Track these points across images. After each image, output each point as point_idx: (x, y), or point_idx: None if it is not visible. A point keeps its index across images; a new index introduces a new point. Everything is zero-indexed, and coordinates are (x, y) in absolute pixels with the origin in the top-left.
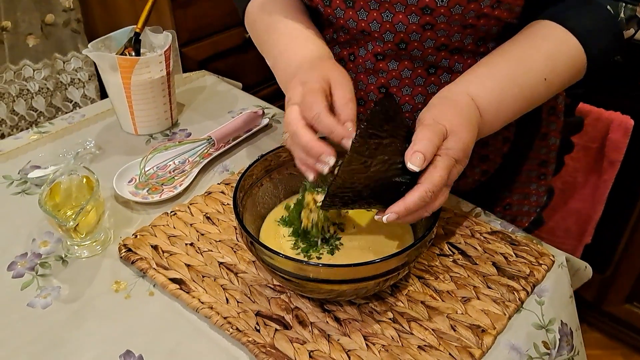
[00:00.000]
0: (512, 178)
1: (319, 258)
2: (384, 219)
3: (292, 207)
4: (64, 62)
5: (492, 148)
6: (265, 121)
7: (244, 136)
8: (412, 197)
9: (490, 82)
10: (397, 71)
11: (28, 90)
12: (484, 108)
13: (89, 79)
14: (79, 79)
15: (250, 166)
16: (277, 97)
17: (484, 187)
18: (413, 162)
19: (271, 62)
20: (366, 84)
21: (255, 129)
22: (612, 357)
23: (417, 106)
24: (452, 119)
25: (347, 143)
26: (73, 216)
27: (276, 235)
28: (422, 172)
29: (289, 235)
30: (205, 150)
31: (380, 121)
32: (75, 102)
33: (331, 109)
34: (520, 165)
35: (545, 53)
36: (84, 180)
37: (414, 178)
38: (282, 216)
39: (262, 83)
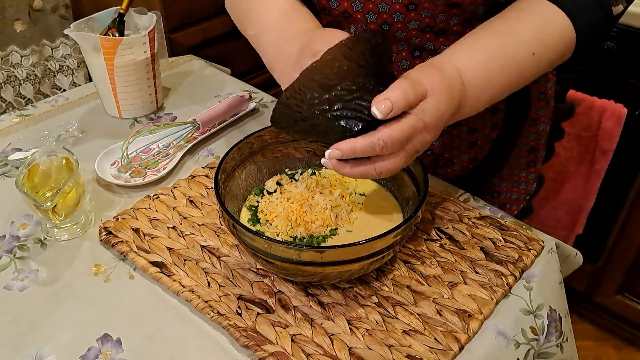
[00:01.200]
0: (500, 165)
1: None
2: (327, 153)
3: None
4: (52, 49)
5: (480, 134)
6: (252, 105)
7: (230, 120)
8: (362, 140)
9: (476, 54)
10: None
11: (16, 77)
12: (469, 81)
13: (78, 66)
14: (68, 66)
15: (232, 148)
16: (267, 86)
17: (472, 174)
18: (378, 107)
19: (253, 38)
20: None
21: (241, 113)
22: (603, 349)
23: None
24: (435, 82)
25: None
26: (50, 197)
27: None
28: (381, 123)
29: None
30: (190, 134)
31: (364, 49)
32: (64, 90)
33: None
34: (509, 152)
35: (534, 26)
36: (64, 161)
37: (369, 127)
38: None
39: (253, 71)
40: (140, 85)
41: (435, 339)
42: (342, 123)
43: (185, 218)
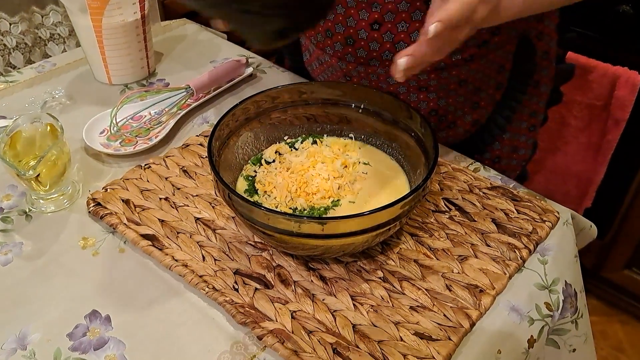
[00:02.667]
0: (503, 128)
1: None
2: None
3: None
4: (42, 16)
5: (485, 94)
6: (249, 70)
7: (226, 86)
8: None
9: None
10: (393, 3)
11: (5, 45)
12: None
13: (70, 35)
14: (59, 35)
15: (226, 114)
16: (268, 54)
17: (474, 138)
18: None
19: None
20: (357, 19)
21: (237, 79)
22: (610, 324)
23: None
24: None
25: None
26: (33, 165)
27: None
28: None
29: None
30: (184, 101)
31: None
32: None
33: None
34: (512, 114)
35: None
36: (48, 128)
37: None
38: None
39: None
40: (130, 49)
41: (444, 315)
42: None
43: (178, 189)
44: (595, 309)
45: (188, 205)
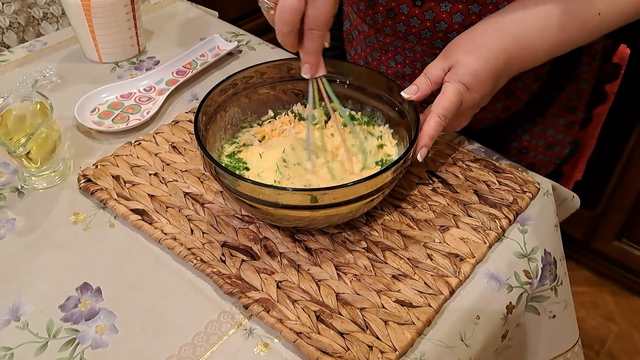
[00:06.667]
0: (534, 120)
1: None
2: (419, 157)
3: None
4: None
5: (521, 84)
6: (232, 45)
7: (211, 61)
8: (429, 125)
9: (534, 9)
10: None
11: None
12: (522, 33)
13: (63, 14)
14: (52, 14)
15: (214, 89)
16: (260, 32)
17: (503, 125)
18: (406, 91)
19: None
20: None
21: (223, 54)
22: (600, 295)
23: (452, 26)
24: (458, 51)
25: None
26: (23, 143)
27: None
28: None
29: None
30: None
31: None
32: None
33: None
34: (546, 107)
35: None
36: (38, 106)
37: None
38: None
39: (245, 17)
40: (119, 27)
41: (425, 283)
42: None
43: (167, 164)
44: (586, 280)
45: (177, 181)
